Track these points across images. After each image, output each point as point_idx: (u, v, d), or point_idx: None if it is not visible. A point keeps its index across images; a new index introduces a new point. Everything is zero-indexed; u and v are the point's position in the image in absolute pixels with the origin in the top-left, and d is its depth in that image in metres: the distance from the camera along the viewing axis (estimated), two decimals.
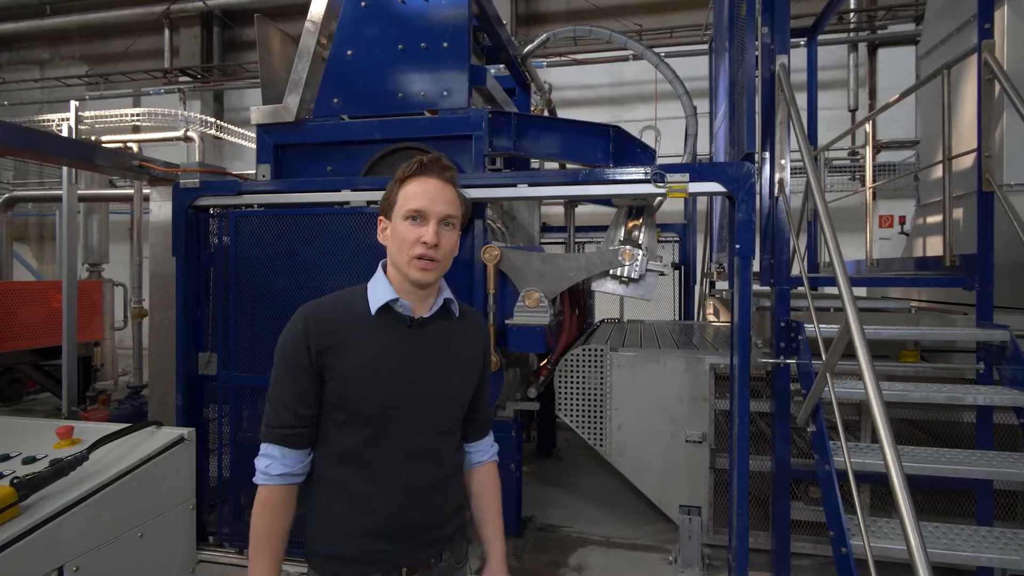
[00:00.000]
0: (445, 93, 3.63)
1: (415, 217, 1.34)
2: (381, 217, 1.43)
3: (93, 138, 6.19)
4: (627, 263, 3.36)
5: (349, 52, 3.77)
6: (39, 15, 11.22)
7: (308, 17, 3.83)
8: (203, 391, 3.55)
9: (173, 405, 3.48)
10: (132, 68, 11.60)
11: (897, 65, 9.32)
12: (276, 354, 1.39)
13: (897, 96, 3.86)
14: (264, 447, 1.37)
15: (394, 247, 1.37)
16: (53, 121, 6.77)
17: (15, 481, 1.36)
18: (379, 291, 1.40)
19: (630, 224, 3.66)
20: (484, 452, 1.64)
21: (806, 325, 2.96)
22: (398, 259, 1.37)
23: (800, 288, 3.03)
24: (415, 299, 1.41)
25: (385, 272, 1.43)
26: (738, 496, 2.90)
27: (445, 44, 3.63)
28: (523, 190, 3.09)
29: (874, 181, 4.63)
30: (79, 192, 6.67)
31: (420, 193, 1.35)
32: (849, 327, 2.06)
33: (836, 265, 2.27)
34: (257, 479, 1.36)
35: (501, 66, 5.31)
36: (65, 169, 4.99)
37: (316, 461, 1.41)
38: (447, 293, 1.47)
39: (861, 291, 5.64)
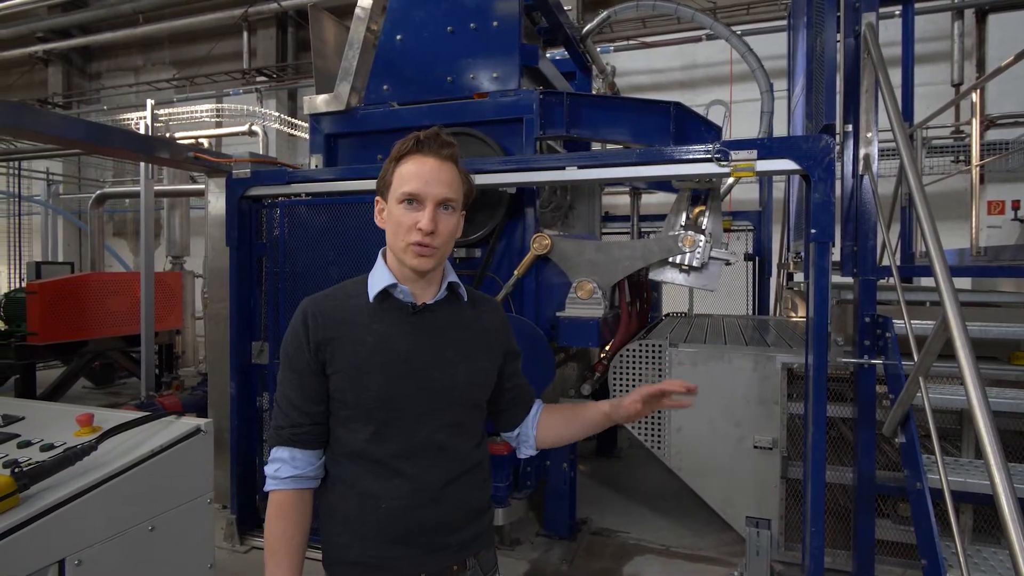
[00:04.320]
0: (495, 75, 3.49)
1: (411, 200, 1.23)
2: (378, 198, 1.32)
3: (168, 135, 6.50)
4: (688, 250, 3.11)
5: (399, 37, 3.69)
6: (133, 24, 11.98)
7: (358, 3, 3.78)
8: (256, 380, 3.59)
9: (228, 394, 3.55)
10: (214, 70, 12.19)
11: (1011, 32, 8.26)
12: (280, 352, 1.32)
13: (1012, 58, 3.34)
14: (273, 451, 1.29)
15: (390, 231, 1.28)
16: (132, 120, 7.17)
17: (15, 470, 1.33)
18: (378, 278, 1.31)
19: (695, 211, 3.41)
20: (534, 416, 1.49)
21: (895, 321, 2.60)
22: (394, 245, 1.27)
23: (888, 280, 2.67)
24: (416, 285, 1.31)
25: (385, 258, 1.33)
26: (812, 510, 2.58)
27: (495, 24, 3.49)
28: (572, 173, 2.88)
29: (982, 159, 4.08)
30: (162, 188, 7.05)
31: (416, 174, 1.23)
32: (948, 322, 1.73)
33: (932, 249, 1.93)
34: (267, 485, 1.28)
35: (562, 50, 5.11)
36: (142, 165, 5.23)
37: (327, 462, 1.32)
38: (452, 276, 1.36)
39: (965, 283, 5.02)
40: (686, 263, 3.16)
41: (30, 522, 1.31)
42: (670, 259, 3.19)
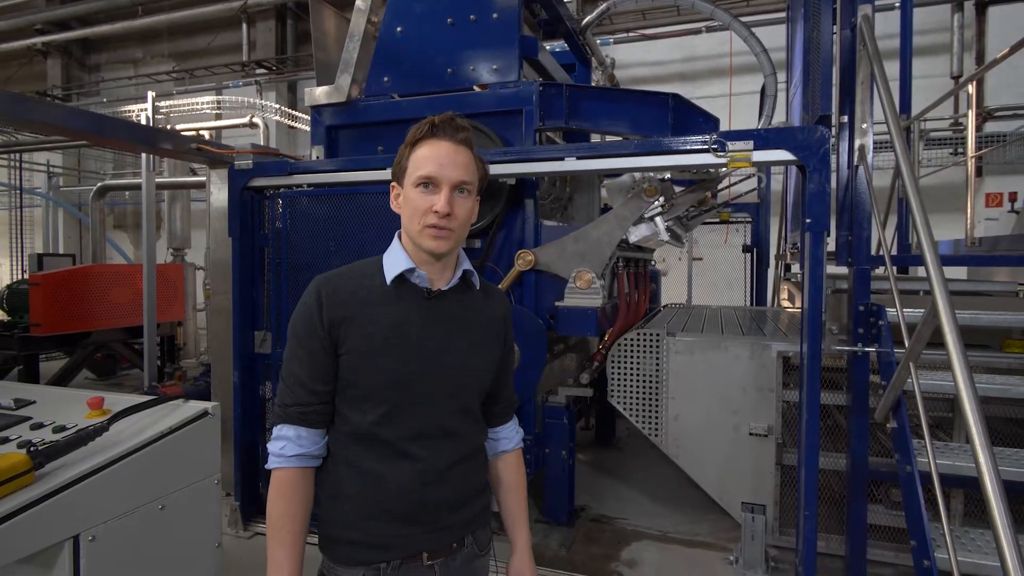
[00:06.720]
0: (495, 67, 3.52)
1: (427, 184, 1.24)
2: (393, 184, 1.33)
3: (169, 127, 6.52)
4: (647, 199, 3.17)
5: (399, 29, 3.71)
6: (132, 16, 11.97)
7: None
8: (259, 369, 3.64)
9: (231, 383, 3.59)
10: (214, 63, 12.17)
11: (1011, 24, 8.25)
12: (289, 329, 1.32)
13: (1007, 50, 3.37)
14: (278, 429, 1.30)
15: (406, 216, 1.28)
16: (133, 112, 7.19)
17: (31, 449, 1.38)
18: (395, 261, 1.31)
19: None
20: (509, 440, 1.54)
21: (888, 309, 2.65)
22: (410, 228, 1.28)
23: (883, 270, 2.71)
24: (432, 270, 1.31)
25: (401, 242, 1.34)
26: (806, 496, 2.64)
27: (495, 15, 3.51)
28: (571, 164, 2.92)
29: (978, 151, 4.10)
30: (163, 180, 7.08)
31: (431, 158, 1.24)
32: (936, 309, 1.77)
33: (922, 237, 1.97)
34: (271, 463, 1.28)
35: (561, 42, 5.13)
36: (143, 156, 5.27)
37: (331, 441, 1.34)
38: (467, 264, 1.37)
39: (960, 273, 5.06)
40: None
41: (45, 499, 1.36)
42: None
